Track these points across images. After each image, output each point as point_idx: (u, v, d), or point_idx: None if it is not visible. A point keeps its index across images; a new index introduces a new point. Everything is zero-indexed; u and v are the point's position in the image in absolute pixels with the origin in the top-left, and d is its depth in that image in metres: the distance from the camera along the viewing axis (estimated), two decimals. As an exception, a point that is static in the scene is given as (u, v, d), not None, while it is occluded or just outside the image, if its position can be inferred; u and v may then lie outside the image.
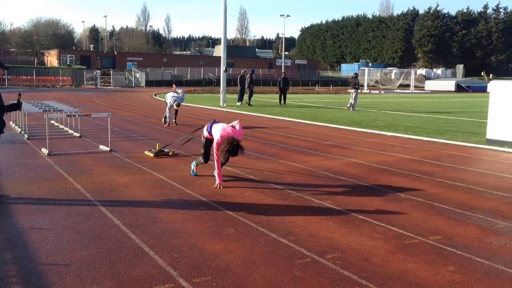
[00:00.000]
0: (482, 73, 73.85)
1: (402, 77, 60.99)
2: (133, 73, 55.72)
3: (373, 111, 21.57)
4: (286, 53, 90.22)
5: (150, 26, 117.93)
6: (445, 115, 19.92)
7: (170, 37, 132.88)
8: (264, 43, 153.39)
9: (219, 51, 36.42)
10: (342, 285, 3.50)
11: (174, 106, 13.71)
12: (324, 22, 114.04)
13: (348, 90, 23.71)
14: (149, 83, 53.84)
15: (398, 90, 53.91)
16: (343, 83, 64.47)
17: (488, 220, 5.20)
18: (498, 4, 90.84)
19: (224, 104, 23.50)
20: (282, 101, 24.93)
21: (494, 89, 11.31)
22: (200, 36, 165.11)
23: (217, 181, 6.50)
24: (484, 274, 3.76)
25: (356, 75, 23.18)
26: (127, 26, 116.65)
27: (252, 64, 71.14)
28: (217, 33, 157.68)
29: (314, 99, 32.05)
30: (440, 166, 8.32)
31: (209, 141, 6.85)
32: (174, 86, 15.46)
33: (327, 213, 5.38)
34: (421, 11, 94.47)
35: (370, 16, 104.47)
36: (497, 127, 11.02)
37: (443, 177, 7.43)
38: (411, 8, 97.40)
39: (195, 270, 3.72)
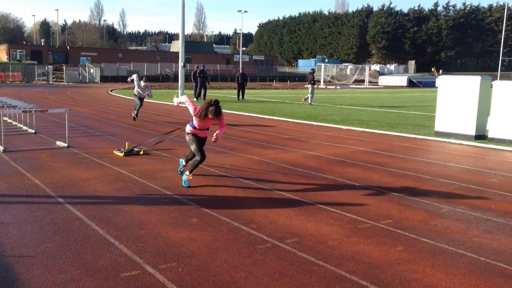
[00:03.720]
0: (433, 69, 76.45)
1: (357, 73, 62.28)
2: (87, 68, 54.42)
3: (329, 105, 22.10)
4: (244, 48, 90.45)
5: (104, 20, 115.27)
6: (398, 109, 20.66)
7: (125, 32, 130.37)
8: (222, 39, 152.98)
9: (176, 46, 36.14)
10: (300, 267, 3.73)
11: (147, 95, 13.78)
12: (281, 18, 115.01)
13: (305, 86, 24.15)
14: (104, 79, 52.71)
15: (353, 86, 55.11)
16: (300, 78, 65.25)
17: (434, 205, 5.58)
18: (448, 2, 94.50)
19: (182, 100, 23.41)
20: (241, 96, 25.11)
21: (442, 84, 11.89)
22: (157, 31, 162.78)
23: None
24: (429, 253, 4.09)
25: (313, 70, 23.67)
26: (80, 21, 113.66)
27: (210, 60, 70.91)
28: (173, 28, 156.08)
29: (272, 95, 32.40)
30: (391, 157, 8.74)
31: (195, 136, 6.32)
32: (141, 80, 14.26)
33: (286, 202, 5.62)
34: (375, 8, 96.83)
35: (326, 13, 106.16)
36: (444, 120, 11.61)
37: (394, 167, 7.83)
38: (366, 5, 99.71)
39: (160, 257, 3.86)
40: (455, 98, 11.41)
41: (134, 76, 14.05)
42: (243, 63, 60.18)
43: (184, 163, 6.84)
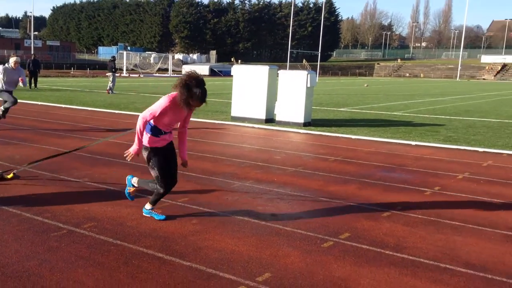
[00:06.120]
0: (232, 59, 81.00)
1: (160, 62, 62.40)
2: None
3: (132, 94, 21.86)
4: (36, 33, 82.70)
5: None
6: (199, 97, 21.48)
7: None
8: (10, 22, 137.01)
9: (-49, 27, 31.30)
10: (98, 248, 3.80)
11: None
12: (78, 2, 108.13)
13: (106, 74, 23.40)
14: None
15: (157, 74, 55.12)
16: (101, 66, 62.55)
17: (227, 182, 6.14)
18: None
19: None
20: (33, 84, 23.12)
21: (236, 73, 12.85)
22: None
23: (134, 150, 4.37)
24: (220, 223, 4.55)
25: (114, 58, 23.06)
26: None
27: (-5, 44, 63.13)
28: None
29: (69, 83, 30.52)
30: (192, 141, 9.18)
31: (158, 150, 4.38)
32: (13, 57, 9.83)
33: (84, 188, 5.55)
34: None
35: (127, 0, 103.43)
36: (239, 106, 12.60)
37: (194, 150, 8.27)
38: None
39: None
40: (248, 86, 12.45)
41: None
42: (36, 49, 55.18)
43: (133, 183, 4.66)
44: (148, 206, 4.61)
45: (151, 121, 4.25)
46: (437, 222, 4.80)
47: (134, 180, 4.63)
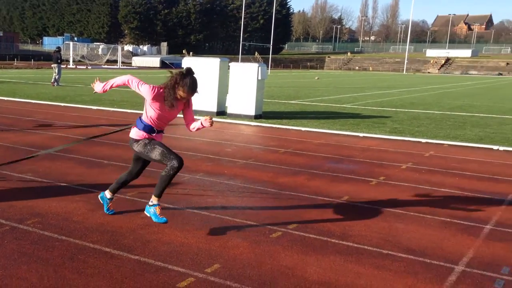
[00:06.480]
0: (184, 51, 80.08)
1: (109, 53, 60.85)
2: None
3: (80, 86, 21.23)
4: (-25, 21, 78.46)
5: None
6: (150, 89, 21.15)
7: None
8: None
9: None
10: (42, 244, 3.71)
11: None
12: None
13: (52, 65, 22.62)
14: None
15: (105, 66, 53.74)
16: (47, 57, 60.29)
17: (177, 175, 6.02)
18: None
19: None
20: (-27, 76, 22.02)
21: (187, 65, 12.72)
22: None
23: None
24: (169, 216, 4.51)
25: (59, 49, 22.33)
26: None
27: None
28: None
29: (12, 75, 29.28)
30: (141, 134, 9.05)
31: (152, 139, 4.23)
32: None
33: (27, 184, 5.38)
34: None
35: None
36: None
37: (143, 143, 8.15)
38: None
39: None
40: (199, 79, 12.27)
41: None
42: (-24, 38, 52.49)
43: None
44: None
45: (145, 120, 4.23)
46: (381, 210, 4.99)
47: (152, 198, 4.13)
